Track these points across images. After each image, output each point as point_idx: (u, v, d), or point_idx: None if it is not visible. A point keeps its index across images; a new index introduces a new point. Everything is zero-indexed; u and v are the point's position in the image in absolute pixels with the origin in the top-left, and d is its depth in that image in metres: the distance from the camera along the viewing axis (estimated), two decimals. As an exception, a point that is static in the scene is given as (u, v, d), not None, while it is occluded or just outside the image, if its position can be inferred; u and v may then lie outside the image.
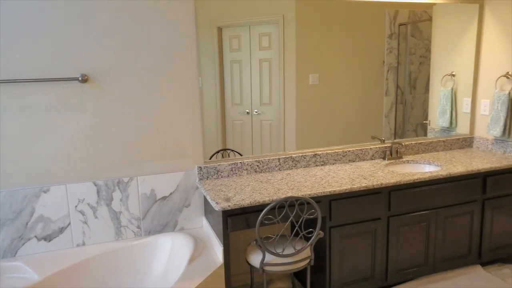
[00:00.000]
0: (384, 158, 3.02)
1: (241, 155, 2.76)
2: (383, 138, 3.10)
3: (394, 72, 3.14)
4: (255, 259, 2.22)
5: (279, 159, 2.77)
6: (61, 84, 2.23)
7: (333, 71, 2.94)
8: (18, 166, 2.22)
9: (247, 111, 2.81)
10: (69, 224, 2.35)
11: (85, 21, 2.22)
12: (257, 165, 2.72)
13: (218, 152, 2.72)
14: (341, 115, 3.02)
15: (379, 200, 2.49)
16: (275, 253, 2.15)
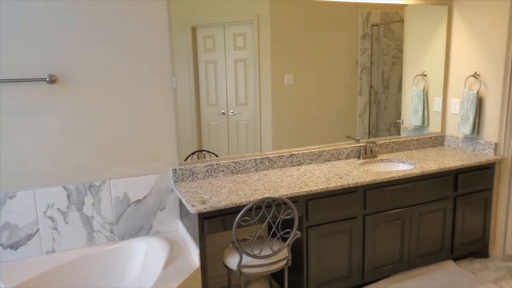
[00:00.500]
0: (359, 157, 3.05)
1: (217, 156, 2.73)
2: (357, 138, 3.13)
3: (368, 72, 3.18)
4: (232, 261, 2.20)
5: (255, 159, 2.75)
6: (27, 85, 2.14)
7: (308, 71, 2.95)
8: (-19, 171, 2.12)
9: (223, 111, 2.78)
10: (37, 230, 2.25)
11: (53, 20, 2.14)
12: (234, 166, 2.69)
13: (193, 153, 2.68)
14: (317, 115, 3.03)
15: (354, 199, 2.52)
16: (252, 255, 2.13)
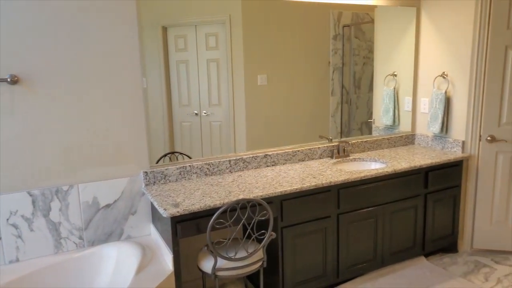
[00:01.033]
0: (332, 157, 3.08)
1: (190, 158, 2.68)
2: (330, 137, 3.15)
3: (339, 72, 3.21)
4: (207, 264, 2.16)
5: (229, 161, 2.72)
6: (-13, 85, 2.04)
7: (280, 72, 2.94)
8: None
9: (196, 112, 2.74)
10: None
11: (15, 18, 2.04)
12: (207, 168, 2.65)
13: (165, 155, 2.62)
14: (290, 115, 3.03)
15: (328, 199, 2.53)
16: (227, 258, 2.10)
